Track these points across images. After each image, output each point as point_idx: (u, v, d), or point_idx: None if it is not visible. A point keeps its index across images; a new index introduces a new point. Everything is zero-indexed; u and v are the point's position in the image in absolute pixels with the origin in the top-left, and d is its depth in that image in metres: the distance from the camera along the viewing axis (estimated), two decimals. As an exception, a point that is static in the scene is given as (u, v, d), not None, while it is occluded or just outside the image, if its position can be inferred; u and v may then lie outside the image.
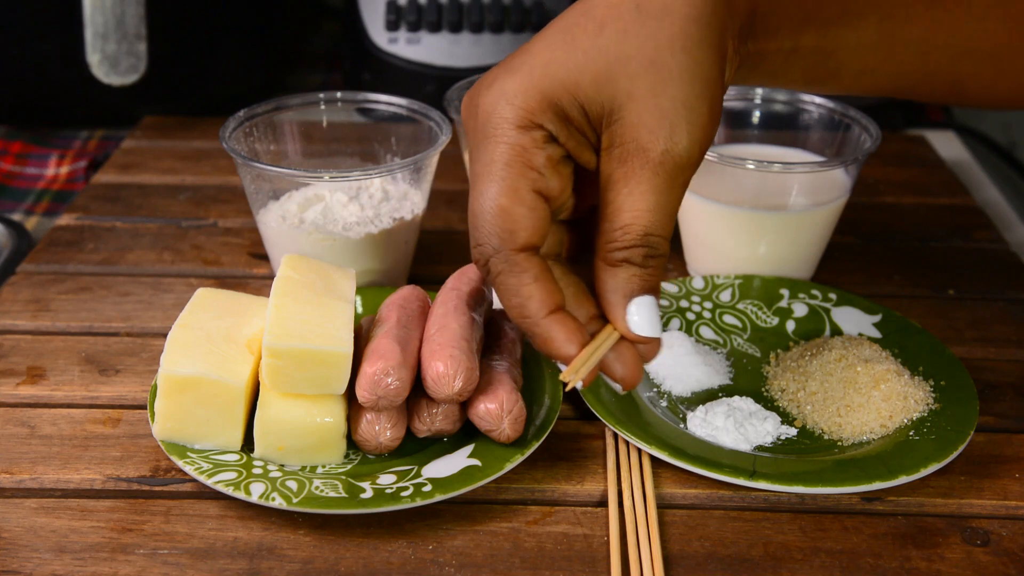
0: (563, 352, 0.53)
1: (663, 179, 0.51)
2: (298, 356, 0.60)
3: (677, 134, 0.51)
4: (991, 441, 0.68)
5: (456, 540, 0.59)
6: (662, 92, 0.51)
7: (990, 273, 0.87)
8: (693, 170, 0.52)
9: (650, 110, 0.51)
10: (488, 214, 0.52)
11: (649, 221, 0.52)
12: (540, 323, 0.53)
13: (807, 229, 0.80)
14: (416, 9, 1.11)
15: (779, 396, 0.71)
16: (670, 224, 0.53)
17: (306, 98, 0.86)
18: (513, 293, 0.53)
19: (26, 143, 1.07)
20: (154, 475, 0.64)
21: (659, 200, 0.52)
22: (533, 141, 0.52)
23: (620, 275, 0.53)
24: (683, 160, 0.51)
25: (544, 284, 0.53)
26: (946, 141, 1.14)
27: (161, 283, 0.83)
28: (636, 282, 0.53)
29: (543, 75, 0.52)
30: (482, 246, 0.52)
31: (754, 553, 0.59)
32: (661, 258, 0.53)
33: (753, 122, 0.89)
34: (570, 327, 0.53)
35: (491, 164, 0.52)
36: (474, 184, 0.53)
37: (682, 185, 0.52)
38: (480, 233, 0.52)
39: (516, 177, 0.52)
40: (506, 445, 0.63)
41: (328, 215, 0.78)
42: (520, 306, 0.53)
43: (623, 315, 0.53)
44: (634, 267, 0.52)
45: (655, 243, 0.52)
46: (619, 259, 0.52)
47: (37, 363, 0.73)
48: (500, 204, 0.51)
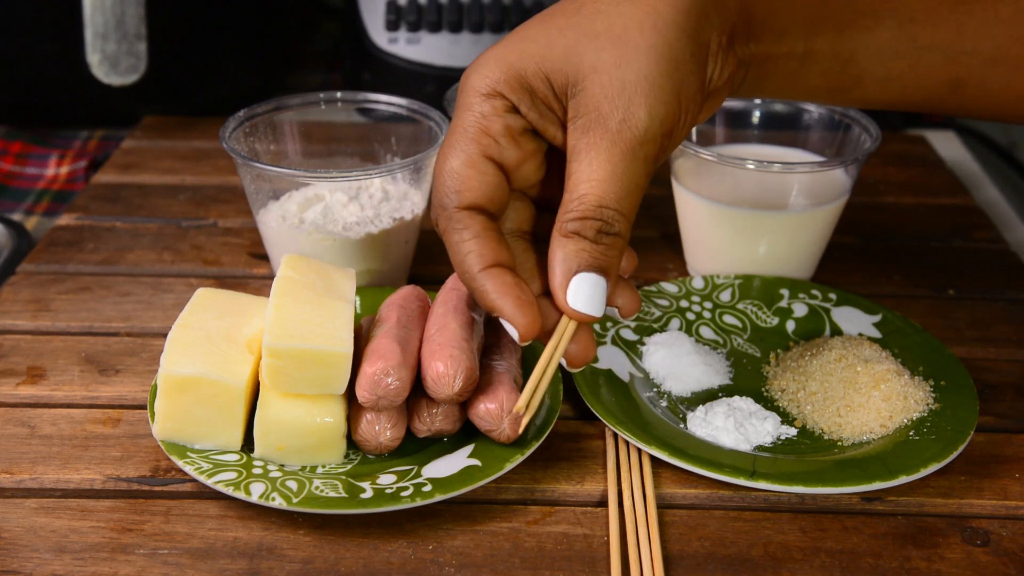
0: (496, 304, 0.54)
1: (620, 150, 0.52)
2: (298, 356, 0.60)
3: (636, 106, 0.52)
4: (991, 441, 0.68)
5: (456, 540, 0.59)
6: (626, 65, 0.52)
7: (990, 273, 0.87)
8: (656, 147, 0.53)
9: (612, 81, 0.52)
10: (441, 175, 0.55)
11: (603, 191, 0.52)
12: (476, 277, 0.54)
13: (807, 229, 0.80)
14: (416, 9, 1.11)
15: (779, 396, 0.71)
16: (628, 199, 0.53)
17: (306, 98, 0.86)
18: (455, 250, 0.54)
19: (26, 143, 1.07)
20: (154, 475, 0.64)
21: (615, 171, 0.52)
22: (493, 109, 0.54)
23: (569, 247, 0.53)
24: (640, 133, 0.52)
25: (484, 242, 0.54)
26: (946, 141, 1.14)
27: (161, 283, 0.83)
28: (584, 256, 0.53)
29: (515, 49, 0.54)
30: (434, 205, 0.55)
31: (754, 553, 0.59)
32: (616, 237, 0.53)
33: (753, 122, 0.89)
34: (505, 281, 0.54)
35: (454, 130, 0.55)
36: (440, 148, 0.56)
37: (642, 160, 0.52)
38: (434, 193, 0.55)
39: (469, 142, 0.54)
40: (506, 445, 0.63)
41: (328, 215, 0.78)
42: (460, 262, 0.54)
43: (564, 285, 0.53)
44: (584, 240, 0.53)
45: (609, 216, 0.52)
46: (570, 230, 0.53)
47: (37, 363, 0.73)
48: (451, 165, 0.54)
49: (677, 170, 0.83)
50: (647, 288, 0.79)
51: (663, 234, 0.92)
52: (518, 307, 0.54)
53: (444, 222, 0.55)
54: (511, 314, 0.54)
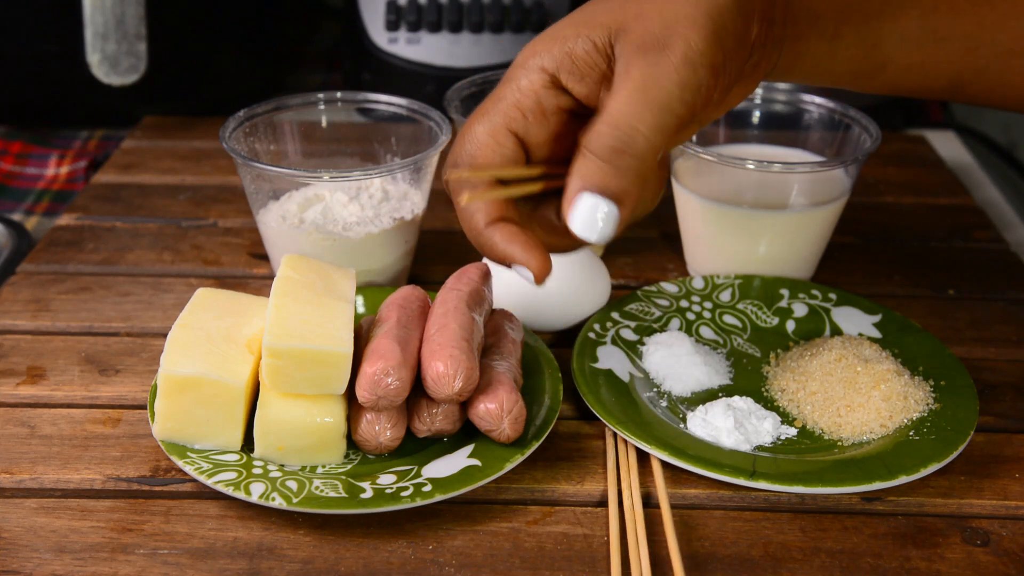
0: (506, 252, 0.54)
1: (652, 71, 0.51)
2: (298, 356, 0.60)
3: (677, 35, 0.52)
4: (991, 441, 0.68)
5: (456, 540, 0.59)
6: (668, 7, 0.53)
7: (990, 273, 0.87)
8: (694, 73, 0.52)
9: (655, 20, 0.52)
10: (463, 135, 0.56)
11: (624, 106, 0.51)
12: (483, 232, 0.54)
13: (807, 229, 0.80)
14: (416, 9, 1.11)
15: (779, 396, 0.71)
16: (652, 116, 0.51)
17: (306, 98, 0.86)
18: (463, 208, 0.55)
19: (26, 143, 1.07)
20: (154, 475, 0.64)
21: (642, 87, 0.51)
22: (530, 83, 0.55)
23: (579, 163, 0.52)
24: (679, 55, 0.51)
25: (490, 203, 0.54)
26: (946, 141, 1.14)
27: (161, 283, 0.83)
28: (592, 176, 0.51)
29: (561, 24, 0.56)
30: (449, 162, 0.56)
31: (754, 553, 0.59)
32: (631, 158, 0.51)
33: (753, 122, 0.89)
34: (511, 231, 0.54)
35: (490, 98, 0.56)
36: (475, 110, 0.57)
37: (674, 83, 0.51)
38: (453, 150, 0.56)
39: (498, 113, 0.55)
40: (506, 445, 0.63)
41: (328, 215, 0.78)
42: (467, 219, 0.55)
43: (569, 204, 0.52)
44: (594, 158, 0.51)
45: (626, 134, 0.51)
46: (583, 145, 0.52)
47: (37, 363, 0.73)
48: (475, 130, 0.55)
49: (677, 170, 0.83)
50: (647, 288, 0.79)
51: (663, 234, 0.92)
52: (527, 250, 0.53)
53: (454, 182, 0.55)
54: (522, 257, 0.53)
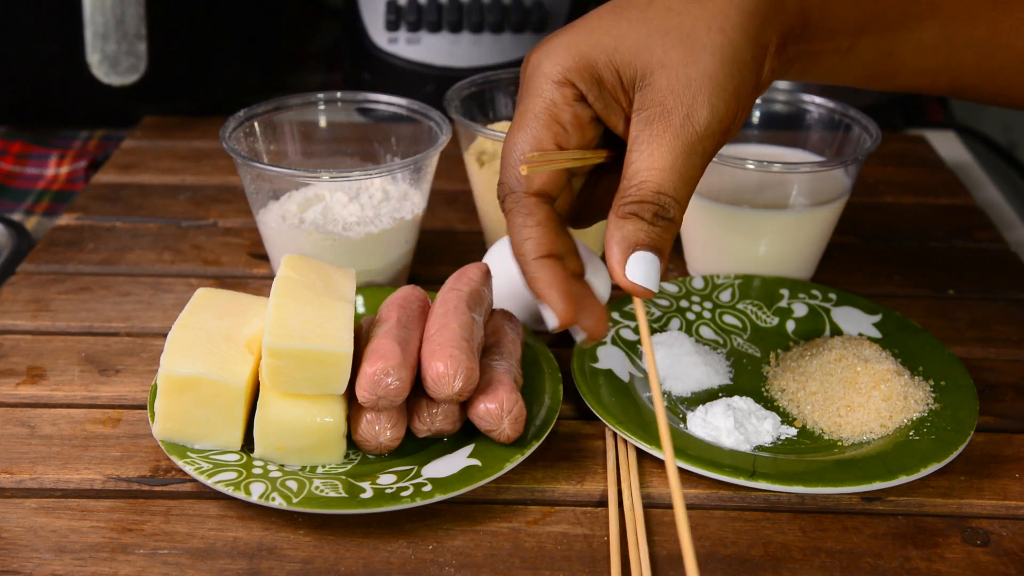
0: (544, 293, 0.56)
1: (681, 143, 0.55)
2: (298, 356, 0.60)
3: (699, 104, 0.55)
4: (991, 441, 0.68)
5: (456, 540, 0.59)
6: (693, 64, 0.55)
7: (990, 273, 0.87)
8: (713, 142, 0.56)
9: (679, 78, 0.55)
10: (508, 157, 0.57)
11: (663, 179, 0.55)
12: (531, 263, 0.57)
13: (807, 229, 0.80)
14: (416, 9, 1.11)
15: (779, 396, 0.71)
16: (684, 189, 0.56)
17: (306, 98, 0.86)
18: (516, 232, 0.57)
19: (26, 143, 1.07)
20: (154, 475, 0.64)
21: (676, 162, 0.55)
22: (564, 98, 0.57)
23: (627, 227, 0.55)
24: (701, 130, 0.55)
25: (545, 231, 0.57)
26: (946, 141, 1.14)
27: (161, 283, 0.83)
28: (641, 235, 0.55)
29: (587, 39, 0.56)
30: (503, 185, 0.58)
31: (754, 553, 0.59)
32: (670, 223, 0.56)
33: (753, 122, 0.89)
34: (557, 274, 0.57)
35: (525, 113, 0.57)
36: (509, 130, 0.58)
37: (700, 154, 0.55)
38: (504, 173, 0.58)
39: (541, 128, 0.57)
40: (506, 445, 0.63)
41: (328, 215, 0.78)
42: (519, 244, 0.57)
43: (623, 261, 0.55)
44: (642, 222, 0.55)
45: (666, 203, 0.55)
46: (629, 212, 0.55)
47: (37, 363, 0.73)
48: (522, 149, 0.57)
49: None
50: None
51: (663, 234, 0.91)
52: (563, 299, 0.56)
53: (511, 203, 0.57)
54: (555, 304, 0.56)
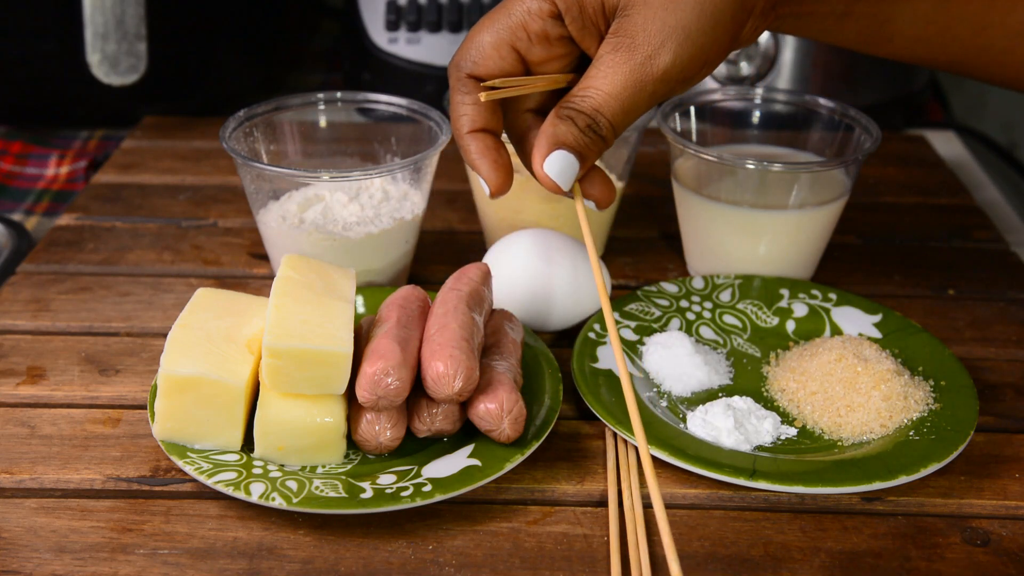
0: (475, 163, 0.61)
1: (636, 79, 0.58)
2: (298, 356, 0.60)
3: (666, 49, 0.57)
4: (991, 441, 0.68)
5: (456, 540, 0.59)
6: (672, 10, 0.57)
7: (990, 273, 0.87)
8: (666, 87, 0.59)
9: (655, 20, 0.57)
10: (469, 41, 0.61)
11: (605, 102, 0.58)
12: (464, 136, 0.61)
13: (807, 229, 0.80)
14: (416, 9, 1.11)
15: (779, 396, 0.71)
16: (622, 117, 0.59)
17: (306, 98, 0.86)
18: (454, 108, 0.62)
19: (26, 143, 1.07)
20: (154, 475, 0.64)
21: (624, 92, 0.58)
22: (540, 10, 0.59)
23: (560, 126, 0.59)
24: (660, 72, 0.58)
25: (479, 109, 0.61)
26: (946, 141, 1.14)
27: (161, 283, 0.83)
28: (569, 137, 0.59)
29: None
30: (452, 62, 0.62)
31: (754, 553, 0.59)
32: (599, 139, 0.59)
33: (753, 122, 0.89)
34: (487, 144, 0.61)
35: (500, 9, 0.61)
36: (481, 19, 0.61)
37: (650, 94, 0.59)
38: (458, 52, 0.61)
39: (505, 29, 0.60)
40: (506, 445, 0.63)
41: (328, 215, 0.78)
42: (455, 120, 0.62)
43: (544, 154, 0.59)
44: (574, 126, 0.59)
45: (601, 122, 0.59)
46: (565, 114, 0.59)
47: (37, 363, 0.73)
48: (481, 39, 0.60)
49: (677, 170, 0.83)
50: (647, 288, 0.79)
51: (663, 234, 0.92)
52: (493, 168, 0.61)
53: (453, 80, 0.61)
54: (486, 172, 0.61)
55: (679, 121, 0.85)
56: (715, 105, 0.88)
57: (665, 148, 0.84)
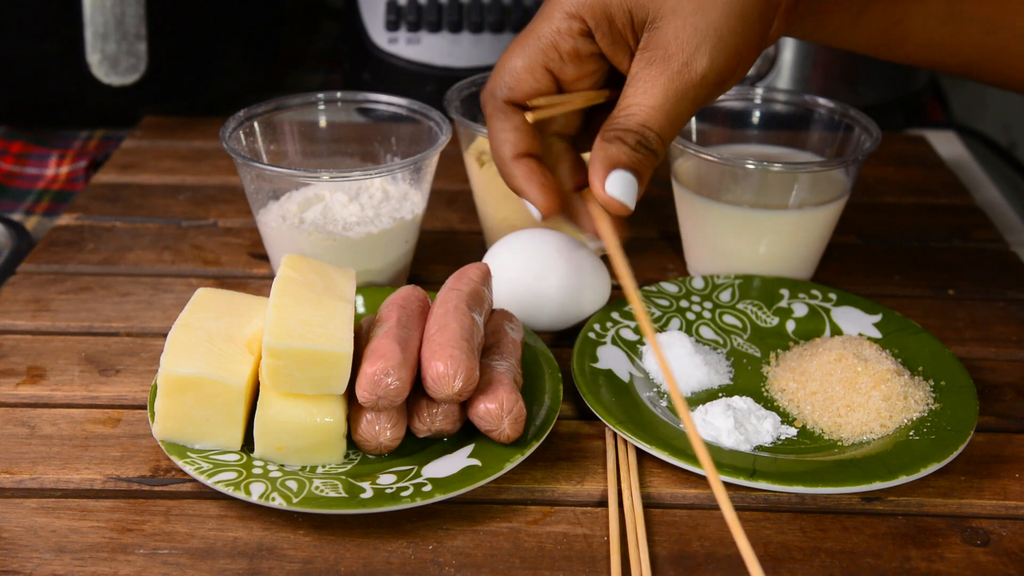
0: (523, 187, 0.61)
1: (676, 87, 0.58)
2: (298, 356, 0.60)
3: (701, 54, 0.57)
4: (991, 441, 0.68)
5: (456, 540, 0.59)
6: (702, 15, 0.57)
7: (990, 273, 0.87)
8: (706, 92, 0.59)
9: (686, 27, 0.57)
10: (501, 67, 0.61)
11: (650, 115, 0.58)
12: (507, 163, 0.61)
13: (807, 229, 0.80)
14: (416, 9, 1.11)
15: (779, 396, 0.71)
16: (669, 129, 0.59)
17: (306, 98, 0.86)
18: (494, 136, 0.61)
19: (26, 143, 1.07)
20: (154, 475, 0.64)
21: (666, 103, 0.58)
22: (570, 29, 0.59)
23: (611, 148, 0.59)
24: (698, 78, 0.58)
25: (520, 135, 0.61)
26: (946, 141, 1.14)
27: (161, 283, 0.83)
28: (623, 156, 0.59)
29: None
30: (486, 91, 0.62)
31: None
32: (651, 154, 0.59)
33: (753, 122, 0.89)
34: (532, 168, 0.61)
35: (529, 34, 0.61)
36: (511, 44, 0.61)
37: (691, 101, 0.59)
38: (490, 81, 0.62)
39: (537, 51, 0.60)
40: (506, 445, 0.63)
41: (328, 215, 0.78)
42: (496, 148, 0.61)
43: (603, 177, 0.59)
44: (624, 145, 0.59)
45: (649, 136, 0.58)
46: (614, 136, 0.59)
47: (37, 363, 0.73)
48: (513, 63, 0.60)
49: (677, 170, 0.83)
50: (647, 288, 0.79)
51: (663, 234, 0.92)
52: (541, 192, 0.61)
53: (491, 108, 0.61)
54: (535, 196, 0.61)
55: (679, 121, 0.85)
56: (715, 105, 0.88)
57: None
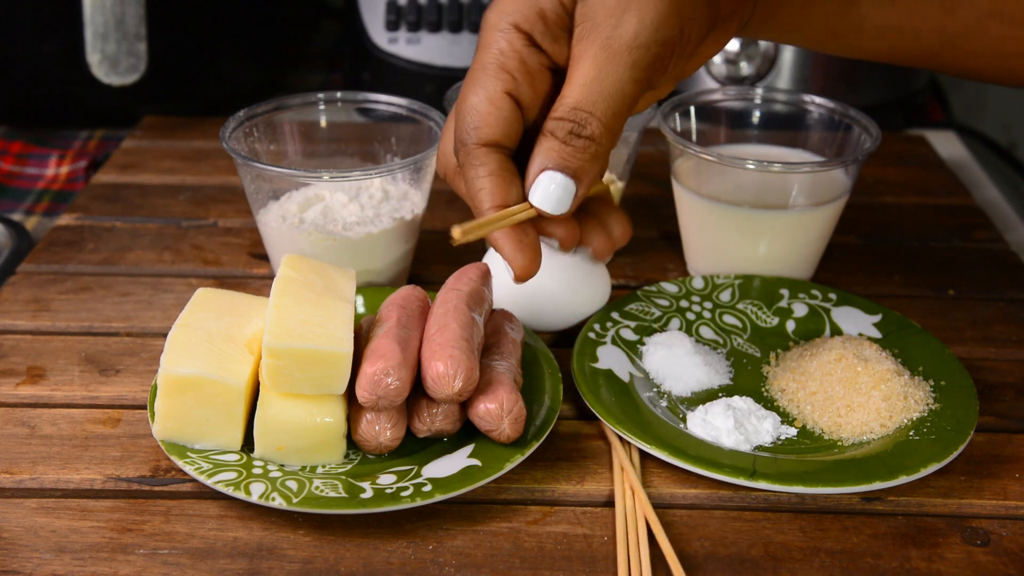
0: (498, 244, 0.56)
1: (605, 55, 0.53)
2: (298, 356, 0.60)
3: (630, 14, 0.53)
4: (991, 441, 0.68)
5: (456, 540, 0.59)
6: None
7: (990, 273, 0.87)
8: (646, 54, 0.53)
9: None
10: (461, 111, 0.56)
11: (581, 94, 0.53)
12: (485, 214, 0.56)
13: (807, 229, 0.80)
14: (416, 9, 1.11)
15: (779, 396, 0.71)
16: (605, 104, 0.53)
17: (306, 98, 0.86)
18: (470, 185, 0.56)
19: (26, 143, 1.07)
20: (154, 475, 0.64)
21: (597, 75, 0.53)
22: (511, 44, 0.55)
23: (542, 144, 0.54)
24: (630, 37, 0.53)
25: (497, 181, 0.55)
26: (946, 141, 1.14)
27: (161, 283, 0.83)
28: (552, 156, 0.54)
29: None
30: (456, 140, 0.56)
31: (754, 553, 0.59)
32: (589, 140, 0.54)
33: (753, 122, 0.89)
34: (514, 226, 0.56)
35: (474, 68, 0.56)
36: (462, 86, 0.57)
37: (629, 66, 0.53)
38: (456, 128, 0.56)
39: (489, 78, 0.55)
40: (506, 445, 0.63)
41: (328, 215, 0.78)
42: (473, 197, 0.56)
43: (530, 181, 0.55)
44: (555, 140, 0.54)
45: (582, 118, 0.53)
46: (546, 129, 0.54)
47: (37, 363, 0.73)
48: (471, 102, 0.55)
49: (677, 170, 0.83)
50: (647, 288, 0.79)
51: (663, 234, 0.92)
52: (518, 249, 0.56)
53: (463, 157, 0.56)
54: (509, 254, 0.56)
55: (679, 121, 0.85)
56: (715, 105, 0.88)
57: (665, 148, 0.84)
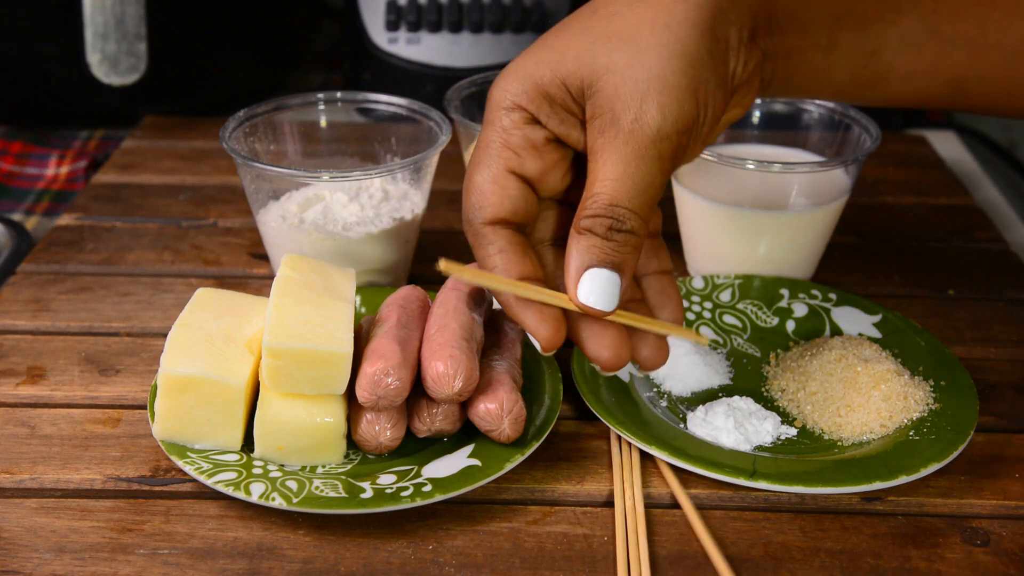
0: (519, 317, 0.55)
1: (632, 149, 0.52)
2: (298, 356, 0.60)
3: (648, 105, 0.52)
4: (991, 441, 0.68)
5: (456, 540, 0.59)
6: (638, 65, 0.53)
7: (990, 273, 0.87)
8: (670, 145, 0.53)
9: (626, 81, 0.53)
10: (467, 190, 0.56)
11: (615, 191, 0.53)
12: (502, 293, 0.55)
13: (807, 229, 0.80)
14: (416, 9, 1.11)
15: (779, 396, 0.71)
16: (640, 198, 0.53)
17: (306, 98, 0.86)
18: (481, 264, 0.56)
19: (26, 143, 1.07)
20: (154, 475, 0.64)
21: (628, 170, 0.53)
22: (513, 123, 0.55)
23: (581, 243, 0.53)
24: (653, 132, 0.52)
25: (508, 256, 0.55)
26: (946, 141, 1.14)
27: (161, 283, 0.83)
28: (595, 252, 0.53)
29: (532, 58, 0.55)
30: (464, 221, 0.57)
31: (754, 553, 0.59)
32: (628, 234, 0.53)
33: (753, 122, 0.89)
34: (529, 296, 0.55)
35: (479, 146, 0.56)
36: (469, 165, 0.57)
37: (656, 159, 0.53)
38: (463, 207, 0.57)
39: (492, 157, 0.55)
40: (506, 445, 0.63)
41: (328, 215, 0.78)
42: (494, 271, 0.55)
43: (576, 280, 0.54)
44: (595, 237, 0.53)
45: (621, 215, 0.53)
46: (583, 227, 0.53)
47: (37, 363, 0.73)
48: (475, 181, 0.56)
49: (677, 170, 0.83)
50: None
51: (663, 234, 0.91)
52: (540, 320, 0.55)
53: (472, 237, 0.56)
54: (533, 327, 0.55)
55: (679, 121, 0.85)
56: (715, 105, 0.88)
57: (665, 148, 0.84)
